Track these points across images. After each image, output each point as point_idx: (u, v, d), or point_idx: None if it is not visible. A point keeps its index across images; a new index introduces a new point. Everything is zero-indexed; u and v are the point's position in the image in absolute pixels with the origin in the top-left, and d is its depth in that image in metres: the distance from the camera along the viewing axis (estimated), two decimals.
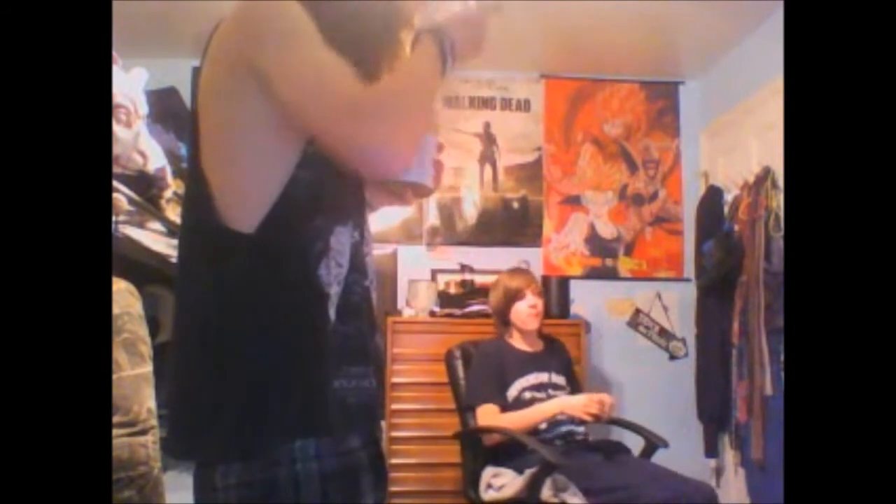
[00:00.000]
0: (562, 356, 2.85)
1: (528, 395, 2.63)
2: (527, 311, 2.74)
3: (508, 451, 2.49)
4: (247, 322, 0.95)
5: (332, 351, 0.98)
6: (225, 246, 0.95)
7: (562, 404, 2.53)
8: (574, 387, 2.77)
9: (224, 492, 0.94)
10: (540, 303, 2.77)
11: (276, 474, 0.93)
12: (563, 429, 2.57)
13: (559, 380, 2.71)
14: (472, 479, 2.60)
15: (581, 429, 2.61)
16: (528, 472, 2.34)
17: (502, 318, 2.82)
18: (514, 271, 2.95)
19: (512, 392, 2.63)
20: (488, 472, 2.51)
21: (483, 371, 2.70)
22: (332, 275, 0.99)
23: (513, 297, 2.77)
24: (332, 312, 0.98)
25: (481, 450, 2.60)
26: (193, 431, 0.98)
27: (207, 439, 0.96)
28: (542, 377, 2.68)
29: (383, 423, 3.06)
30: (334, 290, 0.99)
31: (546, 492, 2.30)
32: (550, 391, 2.64)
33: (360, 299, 1.03)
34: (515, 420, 2.53)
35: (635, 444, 2.69)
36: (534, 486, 2.28)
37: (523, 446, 2.41)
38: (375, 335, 1.09)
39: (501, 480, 2.45)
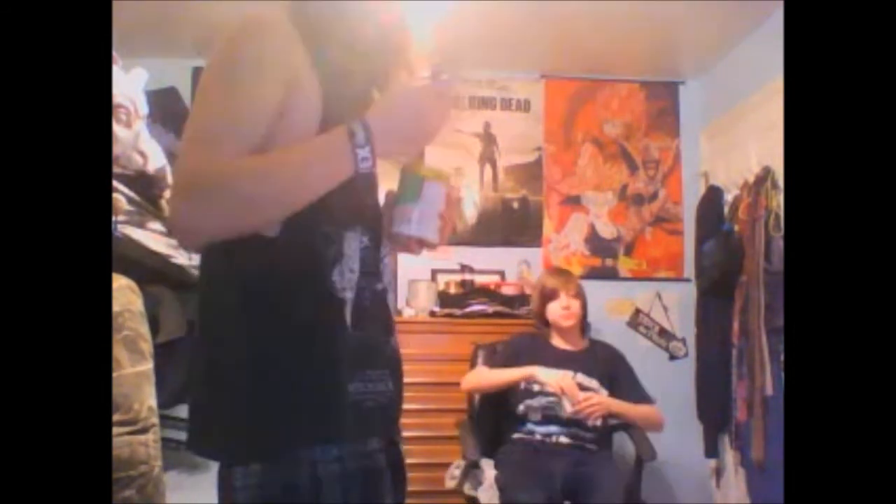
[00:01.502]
0: (604, 359, 2.85)
1: (537, 386, 2.69)
2: (559, 311, 2.80)
3: (496, 441, 2.70)
4: (266, 325, 0.95)
5: (347, 356, 0.98)
6: (248, 249, 0.96)
7: (533, 371, 2.66)
8: (621, 392, 2.75)
9: (243, 492, 0.94)
10: (575, 304, 2.81)
11: (298, 476, 0.93)
12: (550, 427, 2.64)
13: (587, 381, 2.72)
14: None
15: (568, 431, 2.63)
16: (461, 464, 2.61)
17: (540, 317, 2.89)
18: (553, 271, 3.06)
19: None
20: (454, 463, 2.68)
21: (503, 350, 2.88)
22: (346, 280, 0.99)
23: (548, 296, 2.84)
24: (348, 318, 0.99)
25: (481, 441, 2.75)
26: (212, 432, 0.98)
27: (226, 441, 0.97)
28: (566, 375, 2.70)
29: None
30: (349, 296, 0.99)
31: (466, 484, 2.54)
32: None
33: (371, 303, 1.04)
34: (490, 375, 2.76)
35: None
36: (461, 478, 2.56)
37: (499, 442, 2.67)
38: (392, 338, 1.09)
39: (455, 471, 2.65)
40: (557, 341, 2.85)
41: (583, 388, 2.69)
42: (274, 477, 0.94)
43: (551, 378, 2.63)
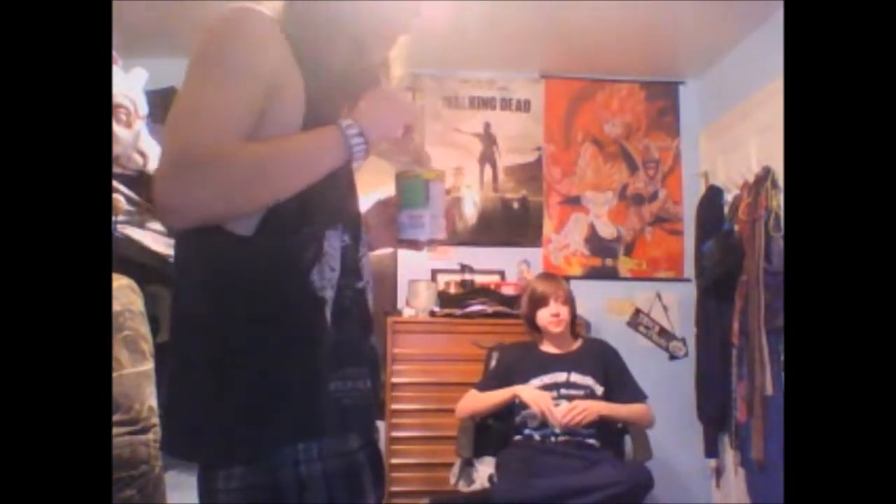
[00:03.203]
0: (598, 357, 2.85)
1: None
2: (548, 318, 2.79)
3: (495, 443, 2.76)
4: (244, 325, 0.95)
5: (327, 354, 0.99)
6: (223, 248, 0.95)
7: (516, 391, 2.69)
8: (616, 388, 2.77)
9: (226, 494, 0.94)
10: (564, 310, 2.80)
11: (281, 477, 0.94)
12: (548, 430, 2.65)
13: (582, 380, 2.73)
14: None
15: (561, 430, 2.64)
16: (459, 462, 2.66)
17: (530, 322, 2.89)
18: (543, 276, 3.02)
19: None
20: (457, 463, 2.71)
21: (492, 368, 2.91)
22: (326, 279, 0.99)
23: (537, 303, 2.83)
24: (328, 316, 0.99)
25: (481, 442, 2.79)
26: (193, 434, 0.98)
27: (208, 443, 0.96)
28: (560, 377, 2.73)
29: (383, 423, 3.08)
30: (329, 294, 0.99)
31: (461, 482, 2.59)
32: (563, 390, 2.70)
33: (351, 302, 1.04)
34: (481, 399, 2.77)
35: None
36: (458, 475, 2.61)
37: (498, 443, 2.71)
38: (371, 336, 1.09)
39: (456, 470, 2.69)
40: (547, 346, 2.86)
41: (576, 386, 2.70)
42: (257, 479, 0.94)
43: (531, 399, 2.64)
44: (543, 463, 2.53)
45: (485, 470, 2.60)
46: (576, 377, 2.73)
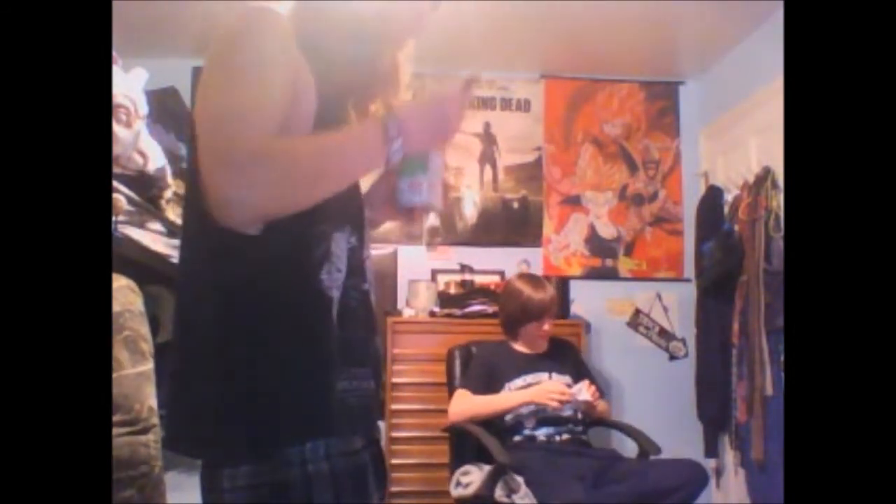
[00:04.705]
0: (569, 357, 2.87)
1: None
2: (541, 334, 2.78)
3: (482, 449, 2.53)
4: (253, 324, 0.95)
5: (335, 354, 0.99)
6: (230, 247, 0.95)
7: (529, 394, 2.60)
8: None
9: (231, 493, 0.94)
10: (551, 322, 2.79)
11: (288, 475, 0.94)
12: (548, 429, 2.61)
13: (562, 379, 2.73)
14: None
15: (566, 428, 2.62)
16: (487, 469, 2.40)
17: (510, 328, 2.84)
18: (536, 284, 2.83)
19: (505, 391, 2.69)
20: (459, 470, 2.55)
21: (475, 368, 2.80)
22: (333, 279, 1.00)
23: (530, 316, 2.76)
24: (335, 316, 0.99)
25: (465, 448, 2.66)
26: (199, 432, 0.98)
27: (215, 441, 0.96)
28: (541, 377, 2.71)
29: (383, 423, 3.07)
30: (335, 295, 1.00)
31: (498, 491, 2.34)
32: None
33: (358, 303, 1.05)
34: (484, 403, 2.63)
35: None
36: (488, 484, 2.34)
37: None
38: (374, 338, 1.10)
39: (469, 478, 2.48)
40: (521, 346, 2.83)
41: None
42: (264, 478, 0.94)
43: (544, 397, 2.57)
44: (564, 463, 2.46)
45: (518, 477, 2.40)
46: (557, 378, 2.72)
